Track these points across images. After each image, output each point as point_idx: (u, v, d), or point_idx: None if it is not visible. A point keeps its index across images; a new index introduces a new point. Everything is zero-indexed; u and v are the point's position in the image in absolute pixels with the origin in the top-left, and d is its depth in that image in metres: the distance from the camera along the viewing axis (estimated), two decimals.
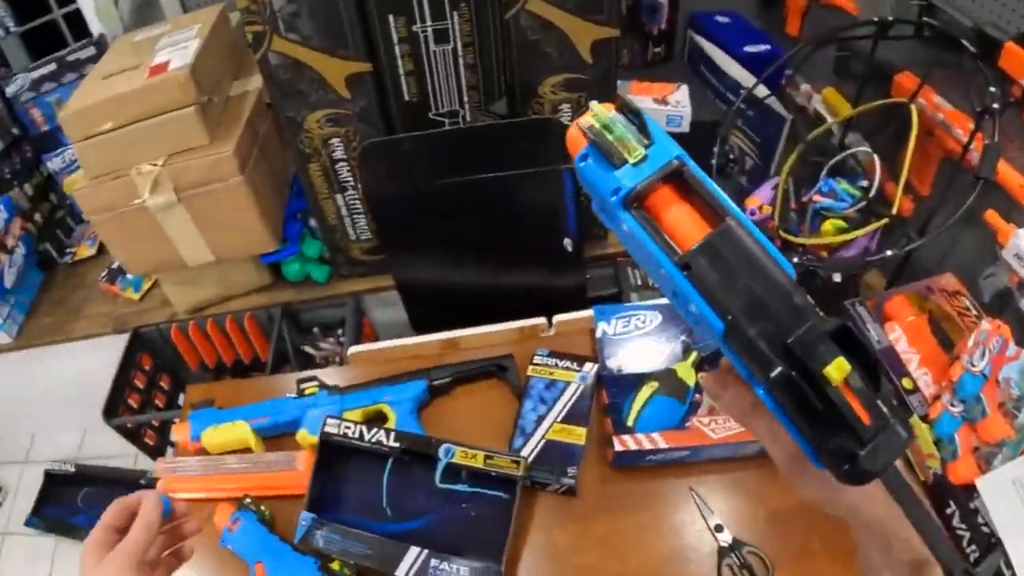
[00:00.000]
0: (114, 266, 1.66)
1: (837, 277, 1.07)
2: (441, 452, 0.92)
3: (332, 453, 0.98)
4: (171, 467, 1.09)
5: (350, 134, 1.21)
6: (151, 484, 1.87)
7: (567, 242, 1.19)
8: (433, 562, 0.86)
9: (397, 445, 0.93)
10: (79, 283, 1.74)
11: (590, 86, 1.21)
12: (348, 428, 0.96)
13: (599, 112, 0.40)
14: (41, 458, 2.13)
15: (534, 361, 1.07)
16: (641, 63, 1.47)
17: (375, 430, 0.95)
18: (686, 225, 0.40)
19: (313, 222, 1.45)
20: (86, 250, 1.80)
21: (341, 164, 1.25)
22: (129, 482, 1.90)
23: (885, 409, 0.36)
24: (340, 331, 1.59)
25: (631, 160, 0.39)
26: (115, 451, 2.03)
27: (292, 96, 1.17)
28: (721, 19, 1.42)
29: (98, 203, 1.29)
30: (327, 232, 1.39)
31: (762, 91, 1.29)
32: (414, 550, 0.87)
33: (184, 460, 1.09)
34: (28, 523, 1.96)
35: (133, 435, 1.52)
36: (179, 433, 1.10)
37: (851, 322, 1.00)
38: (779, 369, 0.36)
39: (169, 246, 1.32)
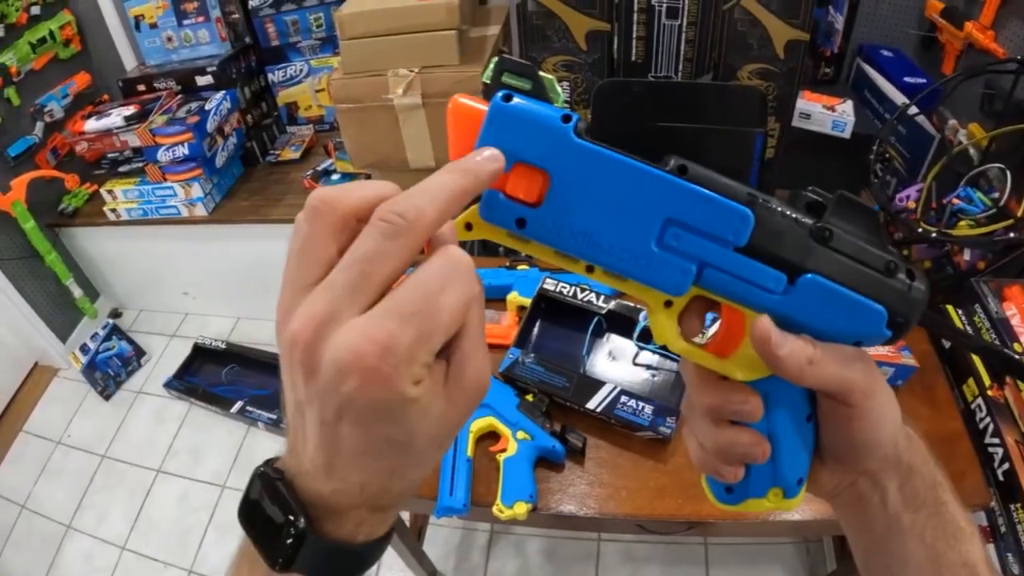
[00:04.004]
0: (319, 168, 1.93)
1: (967, 255, 1.28)
2: (641, 316, 1.13)
3: (542, 310, 1.20)
4: None
5: (579, 80, 1.46)
6: None
7: None
8: (623, 398, 1.06)
9: (605, 306, 1.15)
10: (280, 179, 2.01)
11: (779, 79, 1.45)
12: (564, 287, 1.18)
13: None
14: (189, 335, 2.36)
15: None
16: (811, 79, 1.71)
17: (587, 292, 1.17)
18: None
19: None
20: (290, 154, 2.08)
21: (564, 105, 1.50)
22: (278, 367, 2.11)
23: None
24: None
25: (557, 103, 0.33)
26: (263, 340, 2.26)
27: (538, 40, 1.44)
28: (886, 52, 1.65)
29: (350, 94, 1.55)
30: None
31: (915, 111, 1.51)
32: (608, 386, 1.06)
33: None
34: (167, 384, 2.19)
35: None
36: None
37: (974, 296, 1.20)
38: (814, 223, 0.34)
39: (398, 145, 1.58)
